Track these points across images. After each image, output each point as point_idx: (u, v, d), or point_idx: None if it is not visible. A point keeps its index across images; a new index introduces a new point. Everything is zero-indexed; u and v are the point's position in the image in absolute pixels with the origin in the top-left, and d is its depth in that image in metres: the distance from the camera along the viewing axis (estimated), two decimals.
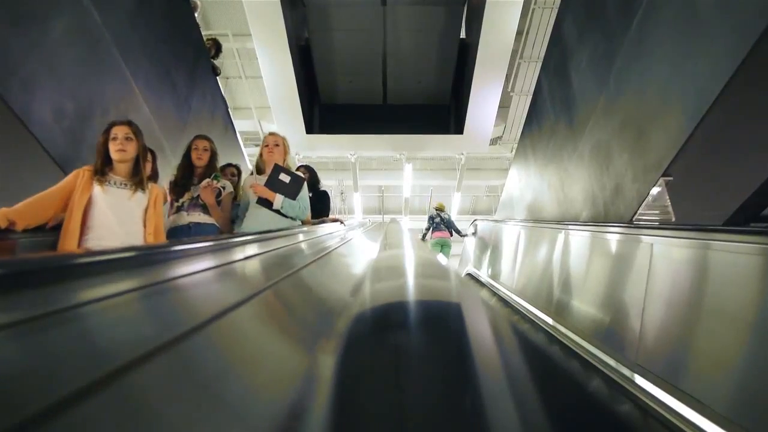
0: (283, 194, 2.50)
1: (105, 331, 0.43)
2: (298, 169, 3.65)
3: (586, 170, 3.47)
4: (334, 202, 12.34)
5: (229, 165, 3.23)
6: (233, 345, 0.48)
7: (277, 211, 2.53)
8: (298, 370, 0.47)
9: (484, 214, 12.21)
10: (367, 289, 1.07)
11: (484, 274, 5.24)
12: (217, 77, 4.64)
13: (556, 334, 2.58)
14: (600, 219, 3.24)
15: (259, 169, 2.72)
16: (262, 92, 8.78)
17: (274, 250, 1.36)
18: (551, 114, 4.26)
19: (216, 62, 4.57)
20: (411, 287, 1.10)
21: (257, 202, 2.52)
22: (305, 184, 2.68)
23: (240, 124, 9.67)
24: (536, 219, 4.61)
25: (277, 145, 2.68)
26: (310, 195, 3.40)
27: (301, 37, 8.08)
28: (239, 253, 1.11)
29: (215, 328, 0.48)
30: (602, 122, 3.22)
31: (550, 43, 4.32)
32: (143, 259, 0.72)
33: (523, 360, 0.56)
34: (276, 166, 2.55)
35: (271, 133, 2.80)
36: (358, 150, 9.56)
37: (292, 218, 2.58)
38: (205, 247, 0.99)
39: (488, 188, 12.47)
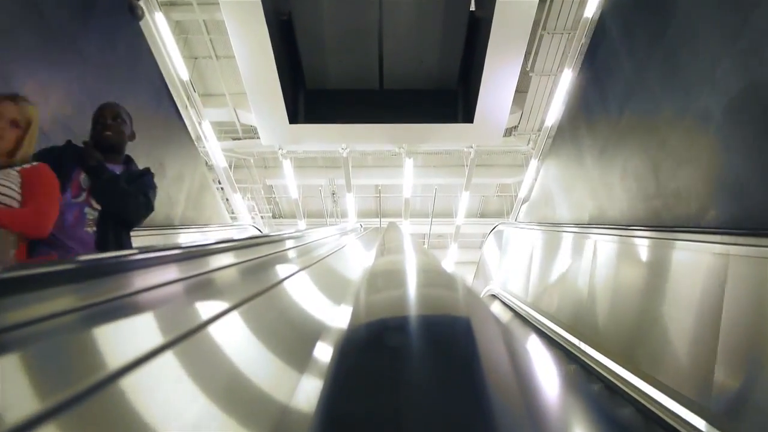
0: None
1: None
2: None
3: (716, 142, 2.10)
4: (325, 204, 10.97)
5: None
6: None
7: None
8: None
9: (495, 217, 10.86)
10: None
11: (519, 301, 3.86)
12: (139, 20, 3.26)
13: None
14: (756, 222, 1.87)
15: None
16: (237, 75, 7.42)
17: None
18: (628, 65, 2.90)
19: (139, 1, 3.20)
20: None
21: None
22: None
23: (212, 114, 8.30)
24: (599, 221, 3.24)
25: None
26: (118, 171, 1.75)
27: (282, 9, 6.76)
28: None
29: None
30: (757, 53, 1.85)
31: None
32: None
33: None
34: None
35: None
36: (350, 143, 8.28)
37: None
38: None
39: (499, 187, 11.10)
